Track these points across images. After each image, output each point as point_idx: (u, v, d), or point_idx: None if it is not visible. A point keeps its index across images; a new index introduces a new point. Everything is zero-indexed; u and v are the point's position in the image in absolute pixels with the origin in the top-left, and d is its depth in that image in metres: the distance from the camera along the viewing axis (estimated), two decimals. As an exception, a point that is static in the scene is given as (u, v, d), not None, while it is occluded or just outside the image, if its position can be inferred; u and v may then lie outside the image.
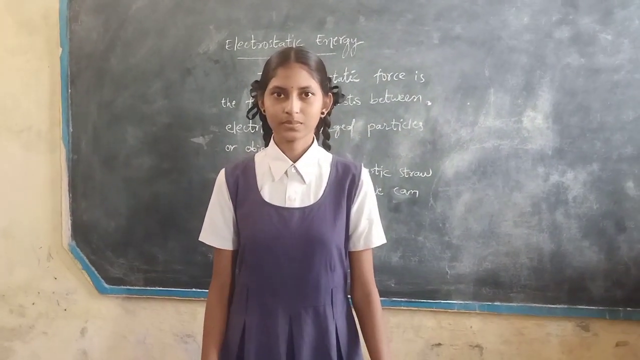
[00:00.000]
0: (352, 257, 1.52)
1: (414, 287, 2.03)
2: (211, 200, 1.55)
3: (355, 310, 1.54)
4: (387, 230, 1.57)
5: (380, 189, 2.01)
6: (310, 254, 1.43)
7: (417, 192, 2.02)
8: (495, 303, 2.01)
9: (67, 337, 2.28)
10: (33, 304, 2.29)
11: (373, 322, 1.48)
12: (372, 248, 1.52)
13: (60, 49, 2.16)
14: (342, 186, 1.48)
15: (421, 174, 2.01)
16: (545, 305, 1.98)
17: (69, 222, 2.20)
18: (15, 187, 2.26)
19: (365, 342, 1.50)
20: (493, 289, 2.00)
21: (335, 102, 1.55)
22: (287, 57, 1.40)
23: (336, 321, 1.46)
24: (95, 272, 2.20)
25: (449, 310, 2.04)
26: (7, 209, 2.27)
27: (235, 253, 1.53)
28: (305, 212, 1.44)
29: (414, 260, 2.03)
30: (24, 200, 2.26)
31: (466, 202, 2.00)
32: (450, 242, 2.01)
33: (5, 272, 2.29)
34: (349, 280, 1.54)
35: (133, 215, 2.16)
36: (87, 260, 2.19)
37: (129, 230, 2.17)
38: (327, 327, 1.44)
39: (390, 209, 2.02)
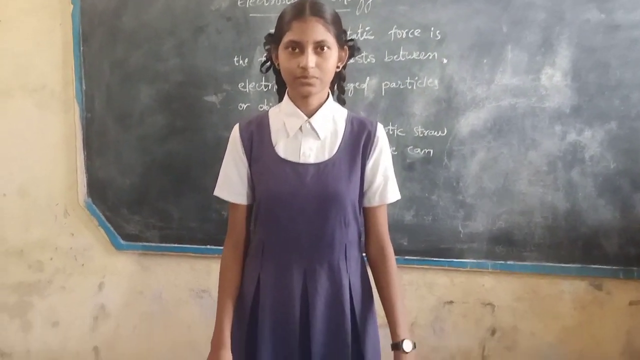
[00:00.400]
0: (367, 213, 1.52)
1: (427, 245, 2.04)
2: (225, 155, 1.54)
3: (370, 266, 1.55)
4: (400, 188, 1.55)
5: (394, 148, 1.99)
6: (325, 210, 1.43)
7: (432, 150, 2.00)
8: (509, 262, 2.01)
9: (84, 292, 2.33)
10: (51, 259, 2.32)
11: (387, 276, 1.49)
12: (387, 204, 1.52)
13: (72, 6, 2.14)
14: (358, 142, 1.47)
15: (436, 133, 1.99)
16: (558, 264, 1.98)
17: (85, 179, 2.22)
18: (30, 146, 2.28)
19: (380, 297, 1.50)
20: (506, 247, 2.00)
21: (351, 56, 1.52)
22: (302, 11, 1.36)
23: (350, 276, 1.47)
24: (112, 228, 2.23)
25: (461, 269, 2.05)
26: (22, 167, 2.30)
27: (250, 207, 1.53)
28: (320, 167, 1.43)
29: (428, 218, 2.03)
30: (39, 159, 2.28)
31: (481, 160, 1.98)
32: (464, 201, 2.00)
33: (22, 229, 2.33)
34: (362, 239, 1.55)
35: (147, 173, 2.18)
36: (103, 217, 2.22)
37: (144, 188, 2.19)
38: (341, 282, 1.45)
39: (404, 167, 2.01)
